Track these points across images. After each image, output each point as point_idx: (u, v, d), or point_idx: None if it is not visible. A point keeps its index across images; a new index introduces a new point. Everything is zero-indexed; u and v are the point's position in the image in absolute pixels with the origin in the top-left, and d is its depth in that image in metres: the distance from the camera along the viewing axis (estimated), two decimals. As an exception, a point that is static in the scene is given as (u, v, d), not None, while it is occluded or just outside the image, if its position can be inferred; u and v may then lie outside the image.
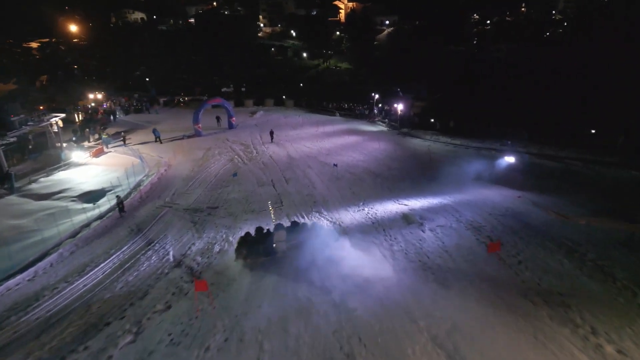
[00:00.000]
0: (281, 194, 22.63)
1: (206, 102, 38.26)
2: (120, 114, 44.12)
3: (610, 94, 34.81)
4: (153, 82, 55.47)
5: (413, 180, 23.80)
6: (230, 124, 40.45)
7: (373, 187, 22.85)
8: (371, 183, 23.71)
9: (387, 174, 25.57)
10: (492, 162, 24.86)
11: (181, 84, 54.71)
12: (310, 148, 33.29)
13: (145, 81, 54.31)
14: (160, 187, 25.02)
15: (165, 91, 53.88)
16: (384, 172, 26.06)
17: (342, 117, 46.40)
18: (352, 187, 23.13)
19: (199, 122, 37.23)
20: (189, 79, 55.67)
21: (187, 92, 53.70)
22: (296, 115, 47.23)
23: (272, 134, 36.10)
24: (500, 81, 46.27)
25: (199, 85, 54.65)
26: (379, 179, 24.57)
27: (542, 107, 36.37)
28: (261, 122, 43.29)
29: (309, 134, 38.55)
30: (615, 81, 36.90)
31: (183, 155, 31.53)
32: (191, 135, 37.53)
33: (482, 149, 29.97)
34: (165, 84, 55.40)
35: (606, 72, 39.55)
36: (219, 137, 37.17)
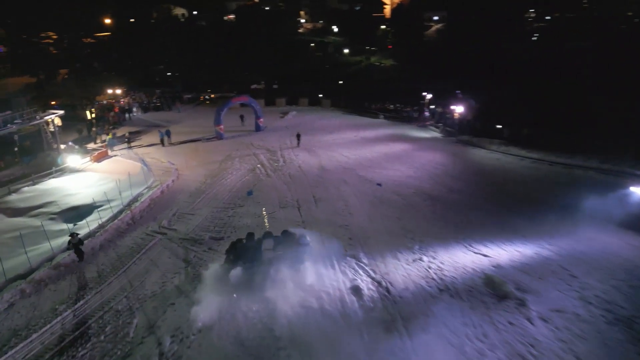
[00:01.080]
0: (307, 221, 17.61)
1: (230, 101, 34.07)
2: (138, 112, 40.94)
3: None
4: (179, 77, 52.30)
5: (487, 211, 18.00)
6: (257, 126, 36.03)
7: (431, 219, 17.31)
8: (428, 212, 18.16)
9: (447, 198, 19.90)
10: (599, 188, 18.53)
11: (208, 79, 51.16)
12: (347, 157, 28.10)
13: (170, 76, 51.19)
14: (161, 203, 20.72)
15: (192, 87, 50.51)
16: (443, 195, 20.40)
17: (387, 119, 40.83)
18: (401, 216, 17.70)
19: (221, 123, 33.03)
20: (217, 74, 52.02)
21: (214, 89, 50.09)
22: (333, 117, 42.16)
23: (299, 137, 31.60)
24: (587, 82, 38.86)
25: (227, 81, 50.86)
26: (438, 205, 18.97)
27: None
28: (292, 125, 38.58)
29: (346, 139, 33.36)
30: None
31: (197, 162, 27.32)
32: (211, 138, 33.41)
33: (574, 167, 23.47)
34: (192, 79, 52.07)
35: None
36: (242, 141, 32.77)
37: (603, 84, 37.41)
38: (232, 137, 34.10)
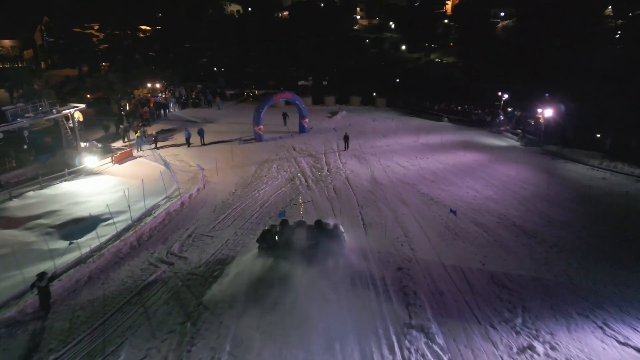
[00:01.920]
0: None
1: (271, 98, 30.55)
2: (175, 108, 38.70)
3: None
4: (223, 72, 49.94)
5: (614, 261, 12.80)
6: (301, 127, 32.30)
7: (531, 269, 12.44)
8: (524, 256, 13.28)
9: (549, 235, 14.82)
10: None
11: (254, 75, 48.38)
12: (406, 168, 23.54)
13: (213, 71, 48.96)
14: (179, 219, 17.45)
15: (236, 83, 47.92)
16: (540, 229, 15.34)
17: (452, 123, 35.56)
18: (486, 260, 13.00)
19: (260, 122, 29.60)
20: (263, 69, 49.15)
21: (259, 85, 47.17)
22: (388, 119, 37.53)
23: (347, 139, 27.76)
24: None
25: (274, 77, 47.76)
26: (537, 246, 14.01)
27: None
28: (342, 126, 34.45)
29: (404, 145, 28.72)
30: None
31: (230, 168, 24.00)
32: (249, 139, 30.09)
33: None
34: (237, 74, 49.53)
35: None
36: (283, 144, 29.13)
37: None
38: (273, 138, 30.58)
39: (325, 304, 10.28)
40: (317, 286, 10.99)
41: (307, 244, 12.42)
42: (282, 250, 12.47)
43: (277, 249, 12.56)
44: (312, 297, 10.50)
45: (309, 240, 12.49)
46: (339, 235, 12.85)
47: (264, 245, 12.76)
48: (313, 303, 10.27)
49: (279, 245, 12.61)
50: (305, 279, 11.26)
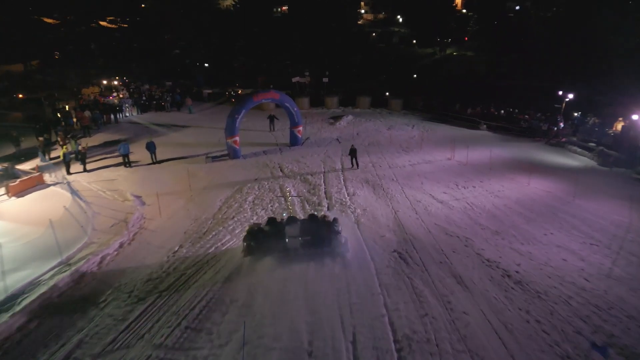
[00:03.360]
0: None
1: (251, 100, 23.06)
2: (132, 112, 31.34)
3: None
4: (202, 67, 42.49)
5: None
6: (293, 137, 24.98)
7: None
8: None
9: None
10: None
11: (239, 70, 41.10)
12: (446, 205, 16.24)
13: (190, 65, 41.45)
14: (58, 319, 10.07)
15: (218, 80, 40.64)
16: None
17: (492, 131, 28.13)
18: None
19: (236, 133, 22.22)
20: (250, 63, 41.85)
21: (247, 82, 39.92)
22: (407, 126, 30.13)
23: (355, 154, 20.89)
24: None
25: (264, 72, 40.48)
26: None
27: None
28: (347, 136, 27.17)
29: (436, 165, 21.41)
30: None
31: (184, 202, 16.70)
32: (221, 156, 22.71)
33: None
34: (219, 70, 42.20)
35: None
36: (267, 163, 21.78)
37: None
38: (254, 154, 23.24)
39: None
40: None
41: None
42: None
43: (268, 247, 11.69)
44: None
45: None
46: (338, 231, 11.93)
47: (253, 244, 11.80)
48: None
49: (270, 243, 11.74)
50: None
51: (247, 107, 22.61)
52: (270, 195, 17.25)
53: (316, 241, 11.69)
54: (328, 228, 11.84)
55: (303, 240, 11.68)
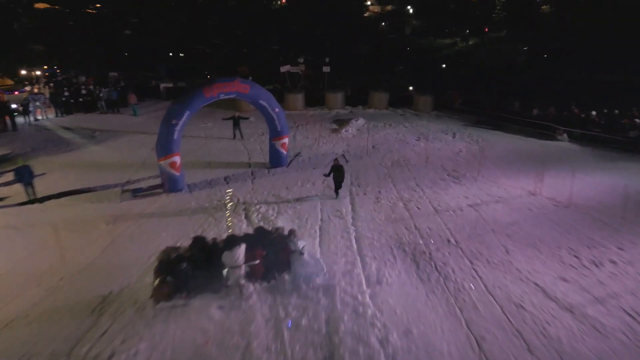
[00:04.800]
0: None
1: (201, 95, 14.24)
2: (49, 113, 22.92)
3: None
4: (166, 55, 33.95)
5: None
6: (274, 155, 16.53)
7: None
8: None
9: None
10: None
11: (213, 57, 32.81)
12: (584, 316, 7.72)
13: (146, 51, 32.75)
14: None
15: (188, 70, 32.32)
16: None
17: (578, 143, 19.45)
18: None
19: (175, 150, 13.68)
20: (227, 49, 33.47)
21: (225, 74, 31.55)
22: (444, 133, 21.54)
23: (339, 176, 13.63)
24: None
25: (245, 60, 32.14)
26: None
27: None
28: (358, 150, 18.82)
29: (515, 205, 12.95)
30: None
31: (40, 298, 8.18)
32: (149, 189, 14.20)
33: None
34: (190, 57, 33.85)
35: None
36: (225, 202, 13.26)
37: None
38: (209, 183, 14.87)
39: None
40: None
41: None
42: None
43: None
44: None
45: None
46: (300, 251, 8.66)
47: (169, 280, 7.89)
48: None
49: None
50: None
51: (194, 106, 14.00)
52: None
53: (269, 268, 8.57)
54: (285, 246, 8.73)
55: (249, 268, 8.36)
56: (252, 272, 8.48)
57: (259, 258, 8.53)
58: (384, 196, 13.77)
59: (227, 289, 8.28)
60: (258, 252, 8.59)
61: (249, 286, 8.32)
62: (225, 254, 8.33)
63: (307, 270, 8.73)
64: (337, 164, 13.31)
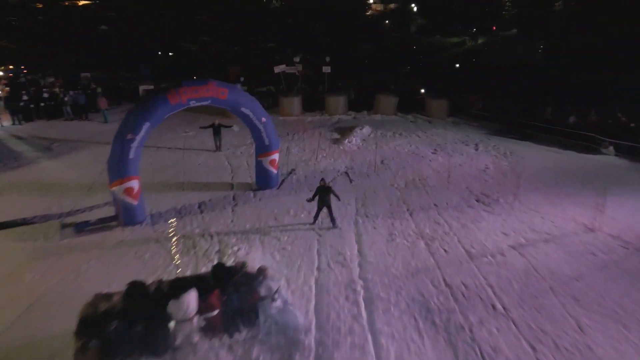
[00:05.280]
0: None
1: (165, 102, 11.39)
2: (4, 120, 20.09)
3: None
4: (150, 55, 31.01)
5: None
6: (262, 175, 13.67)
7: None
8: None
9: None
10: None
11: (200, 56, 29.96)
12: None
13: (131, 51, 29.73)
14: None
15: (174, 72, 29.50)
16: None
17: (624, 156, 16.51)
18: None
19: (130, 173, 10.81)
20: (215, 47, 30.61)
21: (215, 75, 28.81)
22: (464, 144, 18.57)
23: (325, 200, 11.06)
24: None
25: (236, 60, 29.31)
26: None
27: None
28: (364, 165, 15.97)
29: (572, 248, 10.05)
30: None
31: None
32: (100, 221, 11.31)
33: None
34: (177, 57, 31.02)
35: None
36: (197, 239, 10.46)
37: None
38: (177, 211, 11.99)
39: None
40: None
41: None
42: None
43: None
44: None
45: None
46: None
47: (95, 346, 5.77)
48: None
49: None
50: None
51: (157, 116, 11.11)
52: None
53: (231, 321, 6.59)
54: (252, 290, 6.72)
55: (204, 321, 6.40)
56: (208, 326, 6.57)
57: (216, 307, 6.58)
58: (400, 231, 10.90)
59: (174, 350, 6.36)
60: (215, 299, 6.66)
61: (204, 345, 6.45)
62: (171, 304, 6.34)
63: (282, 323, 6.76)
64: (324, 185, 10.87)
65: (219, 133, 16.87)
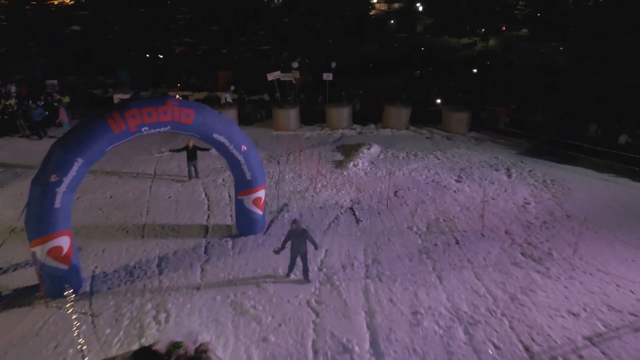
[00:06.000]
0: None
1: (103, 126, 8.38)
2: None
3: None
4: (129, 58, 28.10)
5: None
6: (243, 217, 10.83)
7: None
8: None
9: None
10: None
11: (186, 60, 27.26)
12: None
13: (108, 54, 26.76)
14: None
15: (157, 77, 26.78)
16: None
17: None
18: None
19: (56, 229, 8.03)
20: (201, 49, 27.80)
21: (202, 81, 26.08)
22: (493, 169, 15.68)
23: (300, 248, 8.80)
24: None
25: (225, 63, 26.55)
26: None
27: None
28: (372, 199, 13.08)
29: None
30: None
31: None
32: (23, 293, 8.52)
33: None
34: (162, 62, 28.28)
35: None
36: (144, 318, 7.58)
37: None
38: (129, 273, 9.17)
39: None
40: None
41: None
42: None
43: None
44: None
45: None
46: None
47: None
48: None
49: None
50: None
51: (93, 150, 8.25)
52: None
53: None
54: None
55: None
56: None
57: None
58: (427, 307, 8.09)
59: None
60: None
61: None
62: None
63: None
64: (296, 228, 8.64)
65: (194, 157, 13.97)
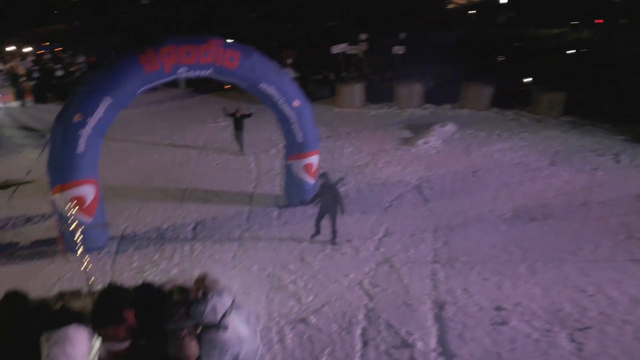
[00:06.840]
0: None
1: (137, 68, 7.38)
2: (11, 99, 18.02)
3: None
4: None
5: None
6: (293, 185, 9.76)
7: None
8: None
9: None
10: None
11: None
12: None
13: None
14: None
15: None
16: None
17: None
18: None
19: (78, 176, 7.34)
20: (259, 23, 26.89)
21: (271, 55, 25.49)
22: (597, 154, 13.24)
23: (332, 207, 7.61)
24: None
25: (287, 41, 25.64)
26: None
27: None
28: (444, 180, 11.37)
29: None
30: None
31: None
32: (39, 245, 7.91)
33: None
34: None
35: None
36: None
37: None
38: (161, 236, 8.29)
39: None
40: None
41: None
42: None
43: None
44: None
45: None
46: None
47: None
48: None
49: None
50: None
51: (124, 91, 7.40)
52: None
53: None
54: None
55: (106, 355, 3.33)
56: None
57: (125, 335, 3.45)
58: (514, 303, 6.37)
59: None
60: (123, 321, 3.49)
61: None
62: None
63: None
64: (327, 184, 7.52)
65: (241, 128, 12.90)
